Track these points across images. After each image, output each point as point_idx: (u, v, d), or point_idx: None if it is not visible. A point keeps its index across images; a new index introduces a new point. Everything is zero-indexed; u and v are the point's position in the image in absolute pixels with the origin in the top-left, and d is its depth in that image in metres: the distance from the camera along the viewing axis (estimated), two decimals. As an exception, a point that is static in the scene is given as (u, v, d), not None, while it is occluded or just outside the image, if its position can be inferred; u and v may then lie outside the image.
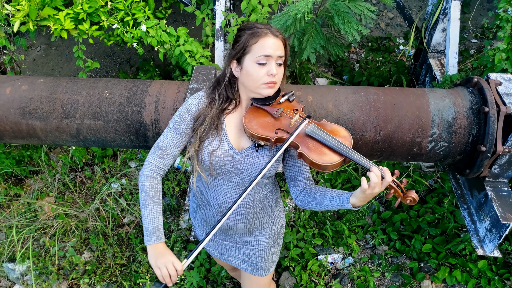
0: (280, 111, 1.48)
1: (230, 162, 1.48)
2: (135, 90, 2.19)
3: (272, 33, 1.39)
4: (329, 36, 2.80)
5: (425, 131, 2.01)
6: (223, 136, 1.49)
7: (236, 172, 1.50)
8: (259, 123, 1.45)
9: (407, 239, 2.82)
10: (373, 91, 2.12)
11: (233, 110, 1.51)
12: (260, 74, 1.39)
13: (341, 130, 1.44)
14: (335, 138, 1.39)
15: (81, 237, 2.97)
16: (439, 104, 2.04)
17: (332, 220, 2.95)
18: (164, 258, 1.39)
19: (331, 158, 1.37)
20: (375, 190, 1.26)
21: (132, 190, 3.18)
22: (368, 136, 2.04)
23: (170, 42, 2.70)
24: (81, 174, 3.34)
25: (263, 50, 1.37)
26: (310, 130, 1.42)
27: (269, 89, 1.42)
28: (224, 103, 1.49)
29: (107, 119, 2.14)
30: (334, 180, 3.14)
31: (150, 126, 2.15)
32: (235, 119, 1.50)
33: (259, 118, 1.47)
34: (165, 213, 3.06)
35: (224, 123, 1.50)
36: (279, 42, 1.39)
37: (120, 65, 4.21)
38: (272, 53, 1.38)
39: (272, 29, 1.40)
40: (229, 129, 1.50)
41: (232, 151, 1.48)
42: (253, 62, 1.39)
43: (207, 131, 1.47)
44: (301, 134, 1.42)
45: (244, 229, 1.69)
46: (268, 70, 1.38)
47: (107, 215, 3.03)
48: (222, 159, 1.48)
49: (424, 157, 2.10)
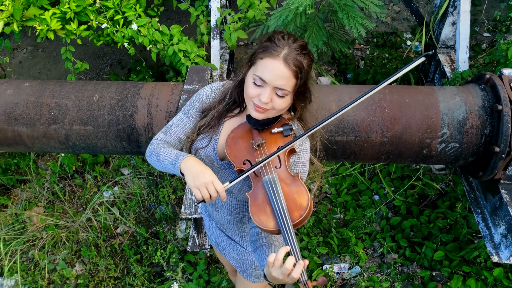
0: (259, 143, 1.38)
1: (210, 167, 1.48)
2: (127, 93, 2.18)
3: (284, 58, 1.25)
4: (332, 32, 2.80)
5: (434, 131, 2.00)
6: (214, 139, 1.49)
7: None
8: (238, 145, 1.40)
9: (417, 246, 2.81)
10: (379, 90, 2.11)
11: (236, 115, 1.50)
12: (252, 93, 1.31)
13: (302, 198, 1.28)
14: (283, 205, 1.26)
15: (72, 249, 2.96)
16: (449, 102, 2.04)
17: (337, 227, 2.94)
18: (204, 178, 1.29)
19: (267, 222, 1.27)
20: (274, 274, 1.22)
21: (125, 199, 3.18)
22: (374, 138, 2.04)
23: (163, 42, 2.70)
24: (71, 183, 3.33)
25: (261, 71, 1.27)
26: (266, 180, 1.32)
27: (256, 113, 1.33)
28: (232, 104, 1.49)
29: (97, 124, 2.13)
30: (340, 184, 3.14)
31: (142, 131, 2.14)
32: (233, 126, 1.48)
33: (242, 139, 1.41)
34: (160, 222, 3.05)
35: (222, 126, 1.50)
36: (286, 72, 1.25)
37: (111, 66, 4.22)
38: (269, 80, 1.27)
39: (291, 54, 1.25)
40: (223, 134, 1.49)
41: (214, 157, 1.48)
42: (251, 78, 1.31)
43: (205, 126, 1.48)
44: (260, 179, 1.34)
45: (233, 229, 1.71)
46: (260, 93, 1.29)
47: (99, 225, 3.02)
48: (204, 160, 1.49)
49: (434, 159, 2.09)
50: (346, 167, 3.13)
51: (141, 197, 3.16)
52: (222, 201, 1.57)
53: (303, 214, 1.26)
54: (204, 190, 1.29)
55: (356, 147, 2.08)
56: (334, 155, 2.15)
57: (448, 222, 2.84)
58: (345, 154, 2.13)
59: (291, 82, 1.28)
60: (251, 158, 1.37)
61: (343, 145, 2.08)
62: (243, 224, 1.67)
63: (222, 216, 1.68)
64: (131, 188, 3.22)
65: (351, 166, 3.12)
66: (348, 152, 2.11)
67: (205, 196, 1.30)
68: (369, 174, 3.16)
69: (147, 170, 3.28)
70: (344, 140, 2.06)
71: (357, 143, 2.06)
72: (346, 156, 2.15)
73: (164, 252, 2.81)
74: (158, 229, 3.00)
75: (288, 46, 1.27)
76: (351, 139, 2.06)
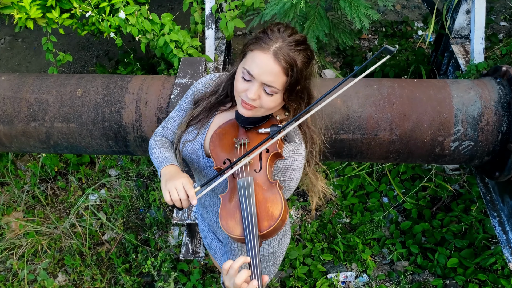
0: (243, 142, 1.37)
1: (196, 162, 1.50)
2: (113, 87, 2.18)
3: (274, 53, 1.23)
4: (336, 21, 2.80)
5: (447, 128, 2.00)
6: (202, 133, 1.50)
7: (202, 176, 1.53)
8: (221, 142, 1.40)
9: (429, 253, 2.82)
10: (388, 84, 2.11)
11: (228, 109, 1.51)
12: (240, 88, 1.31)
13: (275, 207, 1.26)
14: (253, 212, 1.24)
15: (54, 258, 2.96)
16: (463, 97, 2.04)
17: (343, 232, 2.95)
18: (175, 180, 1.33)
19: (234, 229, 1.26)
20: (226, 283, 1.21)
21: (113, 203, 3.18)
22: (382, 136, 2.04)
23: (153, 31, 2.69)
24: (53, 185, 3.33)
25: (250, 65, 1.26)
26: (241, 183, 1.30)
27: (243, 109, 1.33)
28: (225, 97, 1.50)
29: (81, 121, 2.13)
30: (345, 186, 3.14)
31: (130, 129, 2.14)
32: (223, 121, 1.49)
33: (227, 136, 1.41)
34: (151, 228, 3.06)
35: (212, 120, 1.51)
36: (275, 67, 1.23)
37: (96, 58, 4.21)
38: (256, 75, 1.25)
39: (284, 49, 1.23)
40: (212, 129, 1.50)
41: (200, 153, 1.49)
42: (241, 71, 1.30)
43: (194, 117, 1.50)
44: (235, 181, 1.33)
45: (223, 232, 1.71)
46: (247, 89, 1.29)
47: (84, 231, 3.02)
48: (190, 155, 1.50)
49: (447, 158, 2.10)
50: (353, 167, 3.13)
51: (129, 200, 3.16)
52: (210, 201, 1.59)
53: (273, 225, 1.23)
54: (173, 191, 1.31)
55: (362, 146, 2.08)
56: (339, 154, 2.15)
57: (463, 227, 2.85)
58: (351, 154, 2.14)
59: (281, 80, 1.26)
60: (231, 158, 1.36)
61: (349, 143, 2.08)
62: None
63: (211, 218, 1.69)
64: (118, 191, 3.22)
65: (358, 166, 3.12)
66: (354, 151, 2.12)
67: (173, 197, 1.31)
68: (378, 175, 3.16)
69: (136, 171, 3.28)
70: (349, 138, 2.06)
71: (363, 141, 2.07)
72: (352, 156, 2.16)
73: (155, 261, 2.81)
74: (149, 236, 3.00)
75: (282, 39, 1.25)
76: (357, 137, 2.06)
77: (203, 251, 2.57)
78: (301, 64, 1.27)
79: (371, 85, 2.11)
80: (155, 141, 1.59)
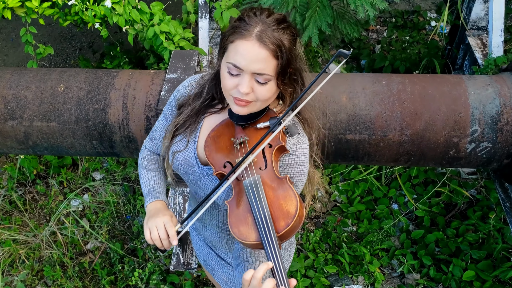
0: (242, 140, 1.36)
1: (191, 173, 1.49)
2: (98, 82, 2.19)
3: (258, 37, 1.22)
4: (340, 11, 2.81)
5: (463, 128, 2.01)
6: (193, 139, 1.49)
7: (198, 187, 1.51)
8: (218, 145, 1.40)
9: (443, 264, 2.82)
10: (398, 80, 2.12)
11: (218, 111, 1.49)
12: (229, 85, 1.29)
13: (289, 204, 1.25)
14: (267, 213, 1.23)
15: (32, 269, 2.96)
16: (480, 94, 2.05)
17: (349, 242, 2.95)
18: (157, 217, 1.39)
19: (248, 235, 1.25)
20: None
21: (97, 209, 3.18)
22: (392, 136, 2.04)
23: (141, 22, 2.69)
24: (32, 189, 3.33)
25: (234, 57, 1.25)
26: (247, 184, 1.29)
27: (238, 106, 1.32)
28: (211, 101, 1.48)
29: (63, 119, 2.13)
30: (351, 191, 3.14)
31: (117, 128, 2.15)
32: (215, 124, 1.47)
33: (223, 137, 1.40)
34: (139, 236, 3.06)
35: (202, 123, 1.49)
36: (263, 52, 1.22)
37: (80, 51, 4.21)
38: (245, 66, 1.24)
39: (266, 31, 1.23)
40: (203, 134, 1.48)
41: (194, 162, 1.48)
42: (225, 67, 1.29)
43: (180, 126, 1.49)
44: (240, 183, 1.32)
45: (224, 247, 1.71)
46: (238, 84, 1.28)
47: (65, 240, 3.02)
48: (183, 166, 1.49)
49: (463, 161, 2.10)
50: (359, 170, 3.14)
51: (115, 206, 3.16)
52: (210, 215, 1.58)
53: (290, 223, 1.22)
54: (154, 229, 1.38)
55: (370, 147, 2.09)
56: (345, 156, 2.15)
57: (480, 236, 2.85)
58: (358, 156, 2.14)
59: (271, 64, 1.25)
60: (232, 159, 1.36)
61: (355, 144, 2.08)
62: (235, 243, 1.66)
63: (211, 233, 1.68)
64: (103, 196, 3.21)
65: (365, 169, 3.12)
66: (361, 153, 2.12)
67: (153, 236, 1.37)
68: (387, 179, 3.16)
69: (122, 175, 3.28)
70: (356, 139, 2.07)
71: (371, 142, 2.07)
72: (358, 158, 2.16)
73: (142, 273, 2.81)
74: (136, 245, 3.00)
75: (262, 22, 1.24)
76: (365, 137, 2.06)
77: (196, 262, 2.56)
78: (289, 43, 1.27)
79: (380, 81, 2.11)
80: (144, 160, 1.63)
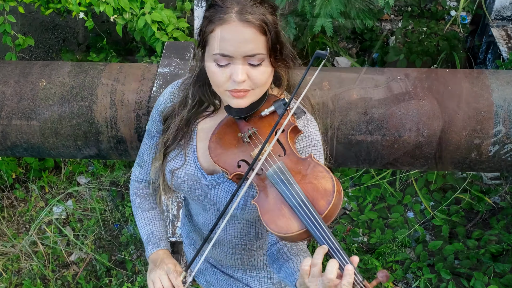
0: (250, 133, 1.36)
1: (198, 188, 1.47)
2: (83, 77, 2.19)
3: (238, 16, 1.22)
4: (352, -2, 2.81)
5: (486, 129, 2.00)
6: (191, 151, 1.47)
7: (208, 202, 1.50)
8: (224, 146, 1.38)
9: (464, 279, 2.81)
10: (414, 75, 2.11)
11: (210, 114, 1.47)
12: (221, 79, 1.28)
13: (324, 181, 1.26)
14: (303, 197, 1.24)
15: (11, 283, 2.95)
16: (505, 91, 2.04)
17: (360, 253, 2.95)
18: (159, 269, 1.43)
19: (289, 226, 1.24)
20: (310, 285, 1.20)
21: (82, 216, 3.17)
22: (407, 137, 2.04)
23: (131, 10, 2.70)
24: (10, 195, 3.33)
25: (219, 46, 1.24)
26: (271, 173, 1.29)
27: (236, 99, 1.31)
28: (199, 106, 1.46)
29: (44, 118, 2.13)
30: (363, 198, 3.14)
31: (104, 127, 2.14)
32: (211, 128, 1.44)
33: (227, 137, 1.39)
34: (128, 247, 3.05)
35: (196, 131, 1.48)
36: (249, 31, 1.23)
37: (63, 42, 4.21)
38: (234, 52, 1.24)
39: (245, 8, 1.23)
40: (201, 141, 1.47)
41: (199, 174, 1.46)
42: (211, 61, 1.28)
43: (170, 142, 1.47)
44: (263, 176, 1.31)
45: (236, 264, 1.71)
46: (231, 74, 1.26)
47: (47, 251, 3.02)
48: (187, 182, 1.48)
49: (486, 165, 2.10)
50: (371, 175, 3.13)
51: (102, 214, 3.16)
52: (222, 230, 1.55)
53: (331, 200, 1.22)
54: (157, 281, 1.41)
55: (383, 149, 2.08)
56: (355, 159, 2.15)
57: (504, 247, 2.84)
58: (370, 159, 2.13)
59: (261, 41, 1.25)
60: (246, 156, 1.35)
61: (367, 146, 2.08)
62: (250, 257, 1.66)
63: (222, 251, 1.66)
64: (89, 202, 3.21)
65: (378, 174, 3.12)
66: (373, 155, 2.11)
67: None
68: (401, 185, 3.16)
69: (110, 179, 3.28)
70: (368, 140, 2.06)
71: (384, 144, 2.06)
72: (370, 161, 2.15)
73: (132, 287, 2.81)
74: (125, 256, 3.00)
75: (237, 1, 1.25)
76: (377, 138, 2.06)
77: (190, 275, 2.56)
78: (271, 17, 1.28)
79: (394, 76, 2.11)
80: (137, 197, 1.65)
